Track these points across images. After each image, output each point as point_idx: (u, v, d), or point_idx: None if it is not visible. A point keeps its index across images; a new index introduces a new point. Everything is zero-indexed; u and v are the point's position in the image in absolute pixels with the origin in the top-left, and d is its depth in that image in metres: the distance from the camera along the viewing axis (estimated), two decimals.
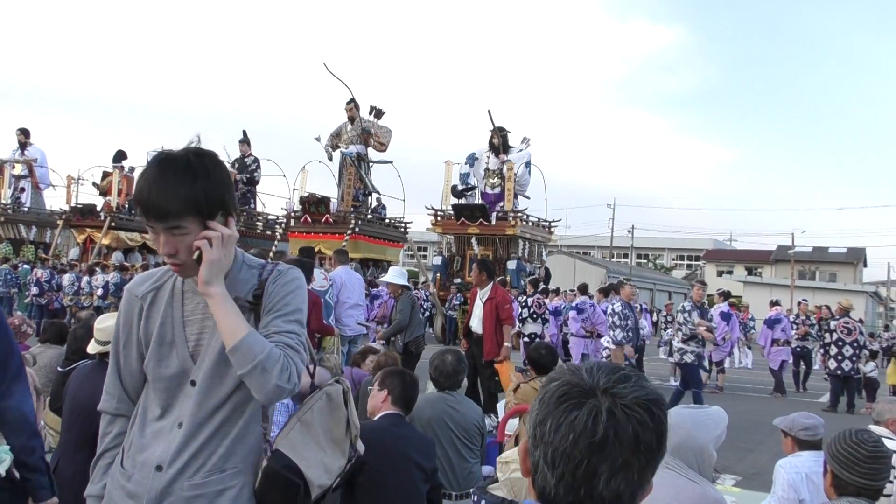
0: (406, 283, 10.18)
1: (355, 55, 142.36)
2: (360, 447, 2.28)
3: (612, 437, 1.15)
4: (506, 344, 9.15)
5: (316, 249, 20.86)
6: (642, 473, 1.18)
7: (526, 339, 14.97)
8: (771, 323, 15.82)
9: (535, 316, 15.01)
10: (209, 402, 1.99)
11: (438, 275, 20.53)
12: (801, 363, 16.38)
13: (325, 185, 22.85)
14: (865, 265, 64.10)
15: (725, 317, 15.07)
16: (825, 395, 14.27)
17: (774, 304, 16.75)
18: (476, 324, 9.28)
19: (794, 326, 16.58)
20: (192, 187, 1.89)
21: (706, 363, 14.69)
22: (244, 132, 24.32)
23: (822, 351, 14.53)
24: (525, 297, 15.23)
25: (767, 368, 15.88)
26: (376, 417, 3.90)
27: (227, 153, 24.59)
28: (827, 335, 14.05)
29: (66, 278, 18.85)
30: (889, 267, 57.44)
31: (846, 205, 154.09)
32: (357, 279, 10.86)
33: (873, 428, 5.01)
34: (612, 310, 11.30)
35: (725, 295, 15.84)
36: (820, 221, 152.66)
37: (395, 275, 10.12)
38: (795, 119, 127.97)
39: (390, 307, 16.56)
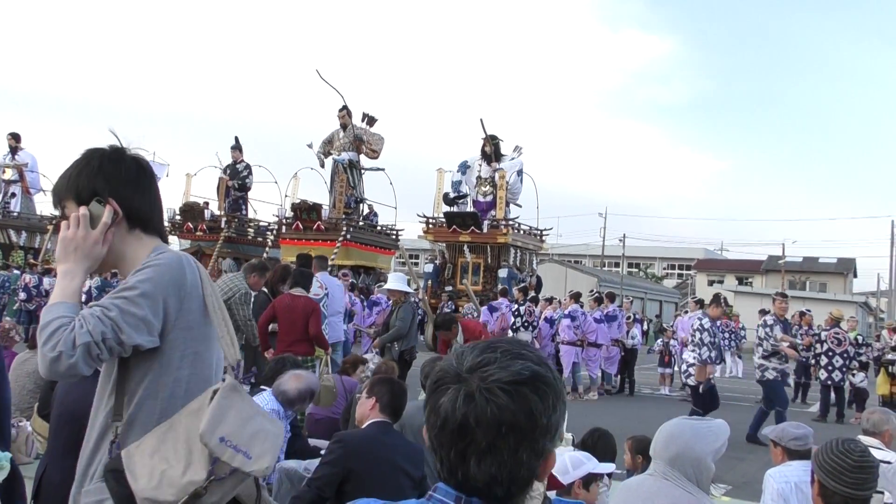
0: (408, 290, 10.15)
1: (348, 62, 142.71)
2: (243, 463, 1.89)
3: (472, 421, 1.15)
4: None
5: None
6: (515, 455, 1.16)
7: None
8: None
9: (526, 324, 14.99)
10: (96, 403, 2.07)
11: (430, 282, 20.52)
12: (803, 375, 16.36)
13: (317, 191, 22.83)
14: (855, 275, 64.33)
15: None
16: (815, 404, 14.30)
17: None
18: None
19: (800, 337, 16.63)
20: (72, 174, 2.08)
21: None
22: (236, 138, 24.27)
23: (813, 361, 14.56)
24: (517, 306, 15.23)
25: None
26: (364, 425, 3.89)
27: (220, 159, 24.57)
28: (818, 345, 14.11)
29: (47, 281, 18.72)
30: (879, 278, 57.65)
31: (836, 215, 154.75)
32: (339, 286, 10.85)
33: (862, 438, 5.03)
34: (701, 325, 10.50)
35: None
36: (810, 232, 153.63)
37: (396, 281, 10.07)
38: (786, 130, 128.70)
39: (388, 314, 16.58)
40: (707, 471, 2.91)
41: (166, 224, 25.54)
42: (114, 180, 2.06)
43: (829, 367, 13.55)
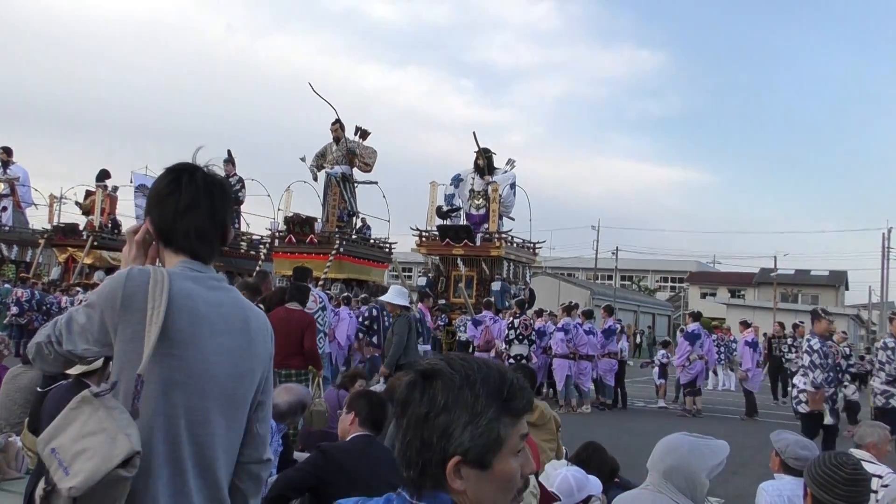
0: (406, 304, 10.07)
1: (341, 75, 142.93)
2: (60, 479, 1.83)
3: (395, 400, 1.41)
4: None
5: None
6: (405, 436, 1.36)
7: (511, 360, 14.94)
8: (753, 345, 15.85)
9: (521, 337, 14.97)
10: None
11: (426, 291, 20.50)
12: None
13: (310, 205, 22.81)
14: (847, 288, 64.54)
15: (690, 337, 15.04)
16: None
17: (748, 325, 16.85)
18: None
19: (790, 349, 16.68)
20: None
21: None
22: (229, 152, 24.24)
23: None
24: (512, 319, 15.22)
25: (743, 390, 15.82)
26: (347, 440, 3.89)
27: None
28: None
29: (65, 299, 18.71)
30: (870, 290, 57.80)
31: (828, 228, 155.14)
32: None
33: (854, 451, 5.03)
34: (810, 347, 9.56)
35: (695, 316, 15.87)
36: (802, 244, 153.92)
37: (394, 295, 9.96)
38: (777, 143, 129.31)
39: (386, 328, 16.52)
40: (701, 486, 2.90)
41: None
42: (151, 200, 2.17)
43: None
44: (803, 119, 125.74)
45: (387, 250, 23.27)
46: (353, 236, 21.89)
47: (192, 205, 2.13)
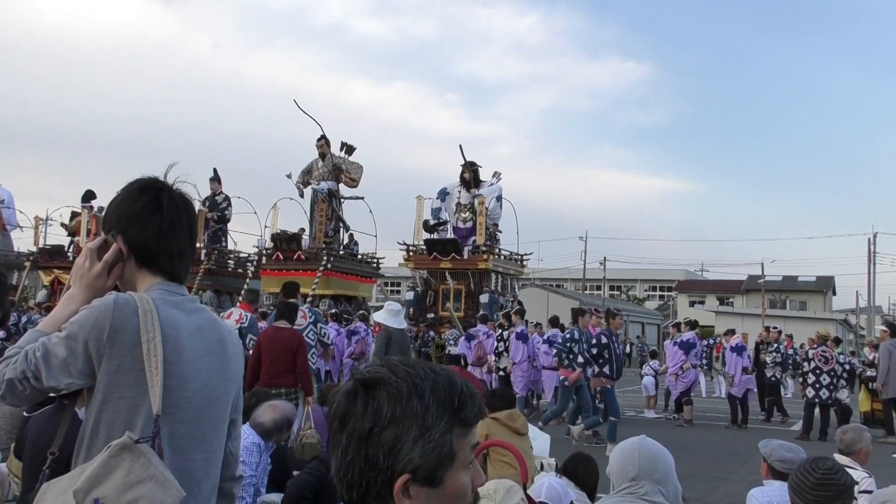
0: (401, 327, 9.88)
1: (328, 91, 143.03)
2: None
3: (331, 412, 1.27)
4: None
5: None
6: (345, 453, 1.22)
7: (501, 372, 14.94)
8: (738, 350, 15.85)
9: (510, 350, 14.97)
10: None
11: (412, 310, 20.49)
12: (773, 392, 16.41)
13: (297, 222, 22.80)
14: (834, 293, 64.92)
15: (686, 346, 15.04)
16: (799, 422, 14.35)
17: (733, 333, 16.88)
18: None
19: (771, 356, 16.71)
20: (108, 205, 2.19)
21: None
22: (214, 170, 24.18)
23: (800, 380, 14.63)
24: (501, 332, 15.23)
25: (728, 397, 15.80)
26: None
27: (198, 191, 24.47)
28: (805, 364, 14.20)
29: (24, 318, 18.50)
30: (857, 295, 58.15)
31: (814, 234, 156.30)
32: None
33: (837, 457, 5.05)
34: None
35: (692, 324, 15.89)
36: (789, 251, 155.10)
37: (387, 315, 9.78)
38: (763, 151, 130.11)
39: (368, 343, 16.48)
40: (678, 492, 2.91)
41: None
42: (125, 217, 2.10)
43: (817, 386, 13.63)
44: (788, 126, 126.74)
45: (374, 265, 23.24)
46: (341, 252, 21.86)
47: (176, 226, 2.12)
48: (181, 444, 2.00)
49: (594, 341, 11.67)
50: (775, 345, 16.69)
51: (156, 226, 2.09)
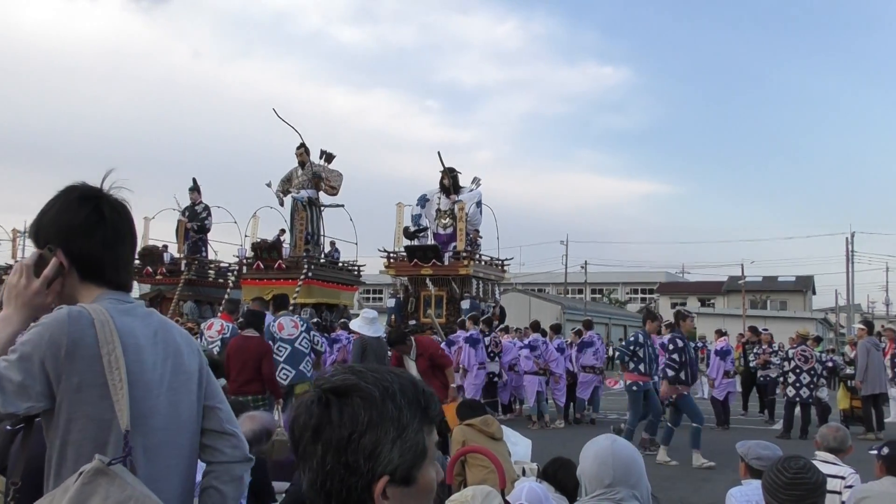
0: (375, 335, 9.78)
1: (308, 99, 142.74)
2: None
3: (295, 429, 1.26)
4: (451, 385, 9.27)
5: (270, 297, 20.70)
6: (322, 463, 1.22)
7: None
8: (722, 354, 15.95)
9: (492, 355, 14.98)
10: None
11: (393, 317, 20.47)
12: (766, 392, 16.50)
13: (277, 230, 22.64)
14: (814, 293, 65.49)
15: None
16: (780, 421, 14.45)
17: (722, 334, 16.94)
18: None
19: (755, 356, 16.82)
20: (39, 216, 2.04)
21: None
22: (194, 180, 24.10)
23: (781, 379, 14.75)
24: (482, 337, 15.23)
25: (711, 399, 15.88)
26: None
27: (178, 201, 24.37)
28: (785, 363, 14.32)
29: None
30: (836, 294, 58.65)
31: (793, 234, 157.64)
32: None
33: (822, 455, 5.10)
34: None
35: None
36: (769, 251, 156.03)
37: (363, 323, 9.73)
38: (741, 152, 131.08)
39: (350, 351, 16.44)
40: (649, 491, 2.92)
41: None
42: (66, 229, 1.99)
43: (797, 385, 13.74)
44: (766, 128, 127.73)
45: (355, 273, 23.21)
46: (322, 260, 21.81)
47: (120, 235, 2.05)
48: (155, 453, 1.97)
49: (671, 346, 11.04)
50: (772, 346, 16.84)
51: (100, 237, 2.01)
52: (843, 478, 4.89)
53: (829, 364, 14.83)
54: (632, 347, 11.51)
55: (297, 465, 1.26)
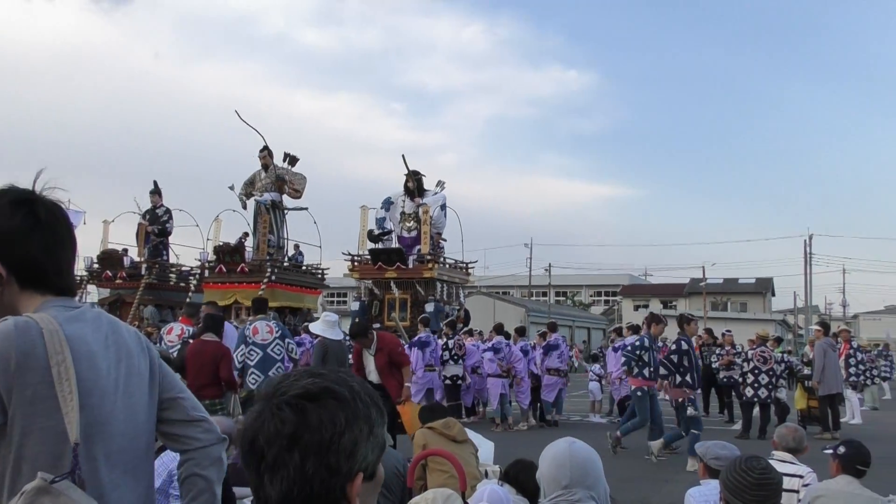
0: (336, 338, 9.84)
1: (272, 102, 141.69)
2: None
3: (260, 437, 1.20)
4: (406, 384, 9.30)
5: (233, 301, 20.53)
6: (301, 470, 1.19)
7: (448, 381, 14.94)
8: None
9: (456, 357, 14.99)
10: None
11: (357, 320, 20.39)
12: (732, 393, 16.66)
13: (240, 234, 22.45)
14: (773, 294, 66.55)
15: None
16: (740, 422, 14.64)
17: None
18: (373, 377, 9.35)
19: (718, 357, 17.00)
20: None
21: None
22: (155, 182, 23.80)
23: (740, 379, 14.94)
24: (446, 340, 15.23)
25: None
26: None
27: (138, 204, 24.08)
28: (745, 364, 14.52)
29: None
30: (795, 295, 59.63)
31: (753, 237, 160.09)
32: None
33: (780, 454, 5.19)
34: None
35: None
36: (729, 254, 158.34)
37: (323, 326, 9.80)
38: (703, 156, 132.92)
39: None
40: (607, 492, 2.95)
41: (83, 273, 24.34)
42: (1, 237, 1.90)
43: (756, 385, 13.93)
44: (726, 132, 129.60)
45: (319, 276, 23.10)
46: (285, 263, 21.67)
47: (59, 238, 1.98)
48: (116, 459, 1.93)
49: (674, 347, 10.91)
50: (735, 347, 17.05)
51: (38, 241, 1.92)
52: (801, 476, 4.97)
53: (787, 364, 15.07)
54: (637, 352, 11.36)
55: (256, 476, 1.22)
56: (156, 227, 23.45)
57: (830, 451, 4.62)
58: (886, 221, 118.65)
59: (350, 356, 10.41)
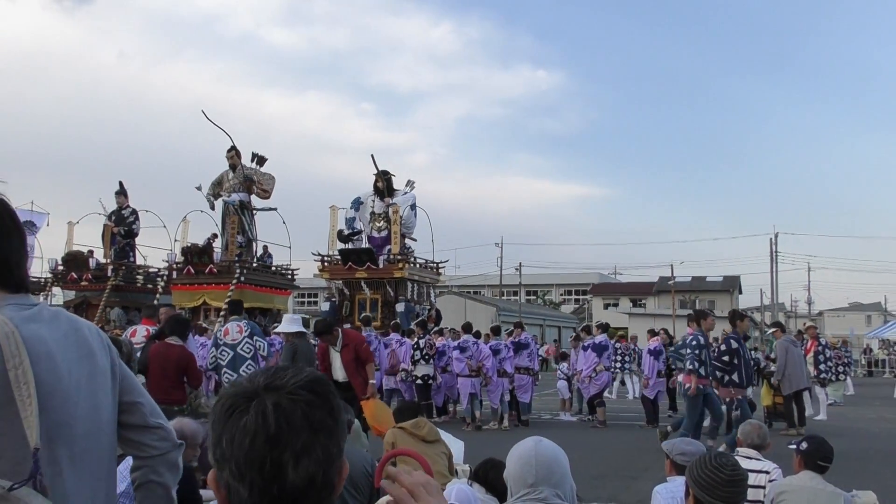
0: (299, 330, 10.11)
1: (241, 102, 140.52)
2: None
3: (285, 425, 1.19)
4: (371, 381, 9.45)
5: (202, 302, 20.41)
6: (327, 451, 1.22)
7: (419, 381, 14.95)
8: (655, 353, 16.17)
9: (427, 357, 15.00)
10: None
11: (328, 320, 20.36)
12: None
13: (208, 235, 22.28)
14: (741, 292, 67.34)
15: (598, 349, 15.29)
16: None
17: (654, 333, 17.21)
18: (339, 374, 9.50)
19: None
20: None
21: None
22: (121, 183, 23.56)
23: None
24: (416, 339, 15.23)
25: (642, 397, 16.17)
26: None
27: (104, 205, 23.83)
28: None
29: None
30: (761, 293, 60.45)
31: (720, 235, 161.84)
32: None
33: (742, 450, 5.26)
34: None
35: (604, 327, 16.23)
36: (697, 252, 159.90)
37: (285, 323, 10.04)
38: (670, 156, 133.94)
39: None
40: (574, 490, 2.97)
41: (48, 275, 23.98)
42: None
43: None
44: (694, 132, 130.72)
45: (289, 277, 23.00)
46: (255, 264, 21.55)
47: (6, 231, 1.90)
48: (81, 460, 1.89)
49: (723, 347, 10.52)
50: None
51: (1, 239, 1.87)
52: (767, 472, 5.05)
53: (753, 362, 15.25)
54: (696, 351, 10.73)
55: (274, 468, 1.20)
56: (122, 228, 23.21)
57: (794, 447, 4.69)
58: (850, 220, 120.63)
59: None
